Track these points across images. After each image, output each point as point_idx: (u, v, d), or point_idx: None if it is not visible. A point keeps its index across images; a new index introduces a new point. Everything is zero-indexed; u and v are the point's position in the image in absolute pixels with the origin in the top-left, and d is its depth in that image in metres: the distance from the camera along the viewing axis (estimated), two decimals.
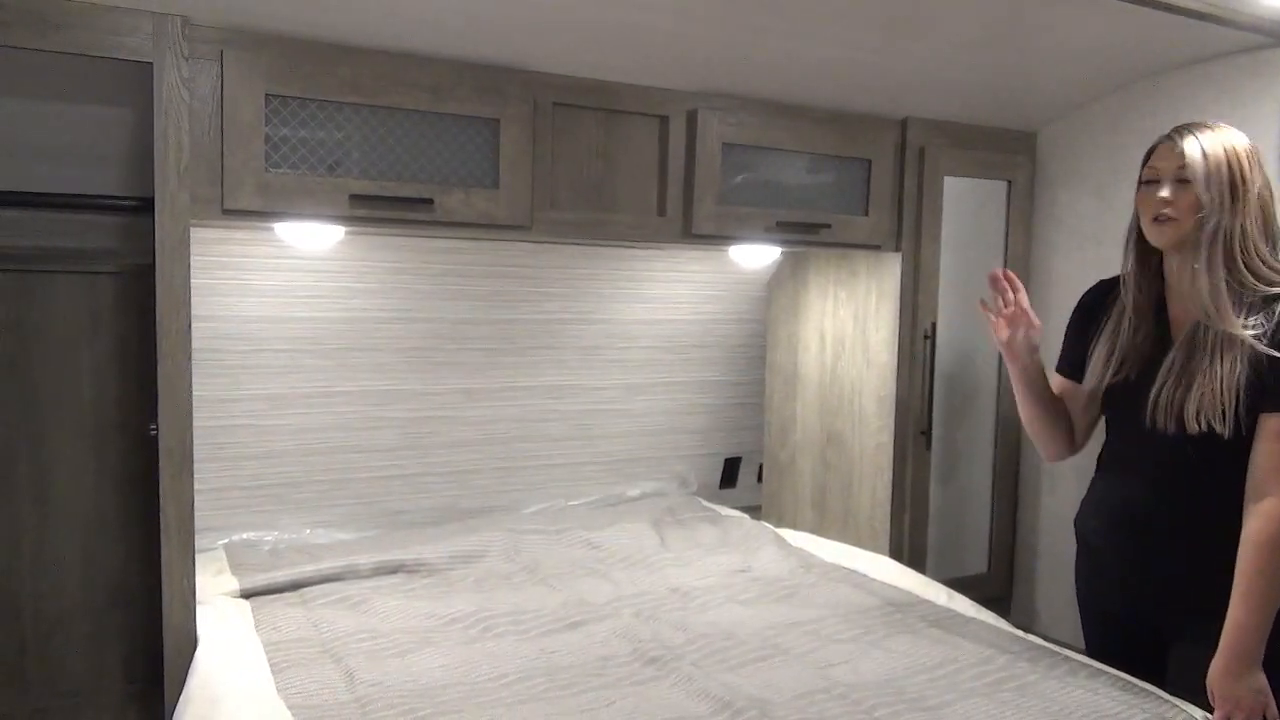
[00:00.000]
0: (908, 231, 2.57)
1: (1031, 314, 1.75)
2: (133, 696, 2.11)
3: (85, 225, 1.98)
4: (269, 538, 2.49)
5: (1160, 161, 1.65)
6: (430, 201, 1.93)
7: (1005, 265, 2.75)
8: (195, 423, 2.33)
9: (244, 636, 1.89)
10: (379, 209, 1.90)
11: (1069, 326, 1.89)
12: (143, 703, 2.10)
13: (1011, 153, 2.73)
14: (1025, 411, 1.85)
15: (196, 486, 2.38)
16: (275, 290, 2.34)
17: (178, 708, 1.62)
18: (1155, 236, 1.65)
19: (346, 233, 2.18)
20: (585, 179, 2.17)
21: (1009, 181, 2.74)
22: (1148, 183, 1.66)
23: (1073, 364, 1.85)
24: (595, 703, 1.66)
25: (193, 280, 2.21)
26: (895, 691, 1.71)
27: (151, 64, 1.69)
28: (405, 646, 1.89)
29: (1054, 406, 1.85)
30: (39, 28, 1.63)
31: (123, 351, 2.07)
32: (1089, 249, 2.62)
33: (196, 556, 2.32)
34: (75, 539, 2.09)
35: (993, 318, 1.78)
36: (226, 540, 2.45)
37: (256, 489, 2.49)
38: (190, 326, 1.76)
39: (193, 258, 2.18)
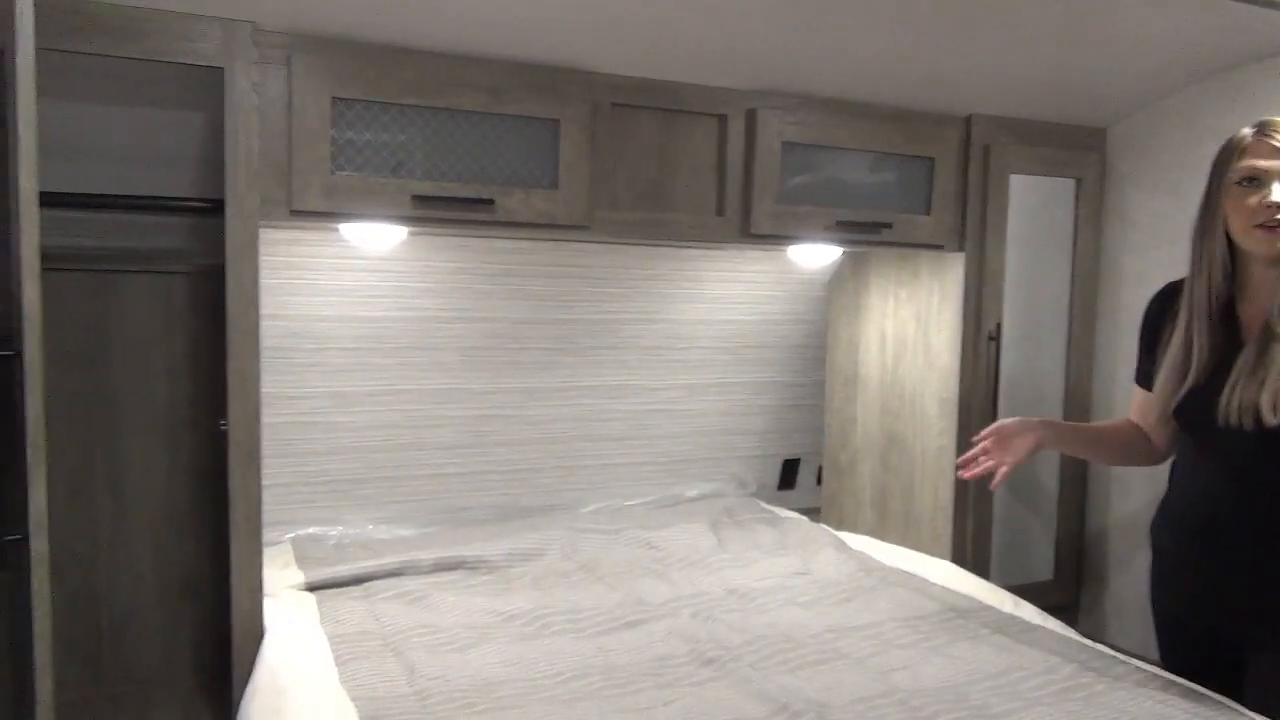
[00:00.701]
0: (972, 231, 2.52)
1: (1001, 456, 1.78)
2: (201, 686, 2.17)
3: (158, 226, 2.05)
4: (334, 532, 2.54)
5: (1262, 160, 1.54)
6: (491, 202, 1.95)
7: (1074, 264, 2.69)
8: (264, 419, 2.41)
9: (309, 629, 1.93)
10: (441, 209, 1.92)
11: (1139, 338, 1.84)
12: (211, 692, 2.16)
13: (1081, 150, 2.67)
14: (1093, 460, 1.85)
15: (265, 482, 2.45)
16: (340, 290, 2.39)
17: (245, 697, 1.66)
18: (1257, 243, 1.56)
19: (409, 233, 2.21)
20: (644, 179, 2.17)
21: (1078, 179, 2.67)
22: (1243, 183, 1.56)
23: (1147, 375, 1.80)
24: (652, 702, 1.66)
25: (262, 280, 2.28)
26: (956, 698, 1.68)
27: (222, 69, 1.74)
28: (464, 642, 1.91)
29: (1110, 445, 1.86)
30: (116, 35, 1.68)
31: (195, 350, 2.14)
32: (1162, 248, 2.54)
33: (264, 550, 2.40)
34: (148, 532, 2.16)
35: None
36: (293, 534, 2.50)
37: (322, 484, 2.54)
38: (259, 325, 1.80)
39: (262, 258, 2.25)
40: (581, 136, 2.05)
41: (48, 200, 1.88)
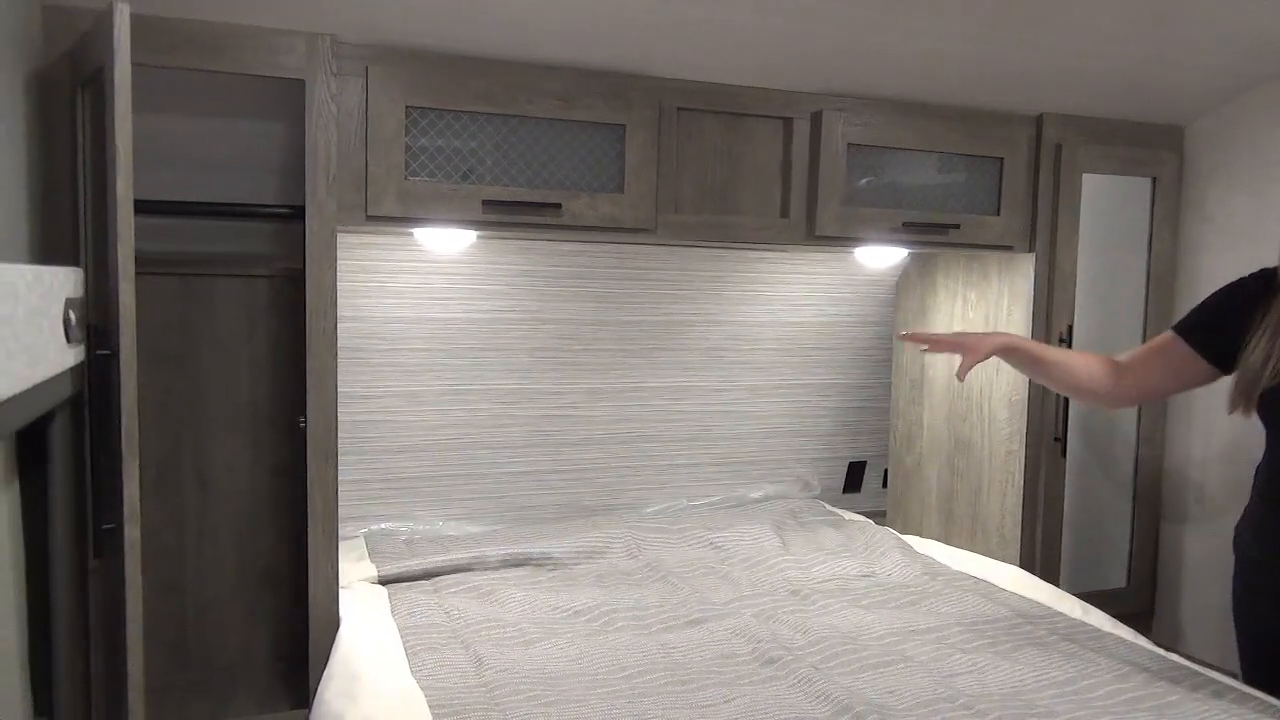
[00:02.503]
0: (1042, 231, 2.49)
1: (946, 340, 1.88)
2: (279, 674, 2.25)
3: (243, 232, 2.13)
4: (404, 528, 2.61)
5: None
6: (558, 206, 1.99)
7: (1149, 265, 2.63)
8: (340, 417, 2.49)
9: (381, 620, 1.99)
10: (509, 214, 1.97)
11: (1218, 297, 1.75)
12: (288, 680, 2.23)
13: (1157, 148, 2.61)
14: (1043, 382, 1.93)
15: (340, 478, 2.54)
16: (412, 292, 2.46)
17: (322, 682, 1.72)
18: None
19: (478, 237, 2.27)
20: (708, 182, 2.19)
21: (1154, 178, 2.61)
22: None
23: (1198, 331, 1.74)
24: (714, 699, 1.68)
25: (339, 283, 2.36)
26: (1022, 705, 1.66)
27: (304, 80, 1.81)
28: (530, 636, 1.95)
29: (1065, 372, 1.86)
30: (206, 51, 1.76)
31: (276, 350, 2.22)
32: (1242, 247, 2.47)
33: (340, 544, 2.49)
34: (231, 524, 2.25)
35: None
36: (366, 530, 2.57)
37: (394, 481, 2.61)
38: (336, 326, 1.87)
39: (339, 262, 2.33)
40: (647, 140, 2.08)
41: (142, 208, 2.00)
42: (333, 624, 1.92)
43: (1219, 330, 1.70)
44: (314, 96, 1.81)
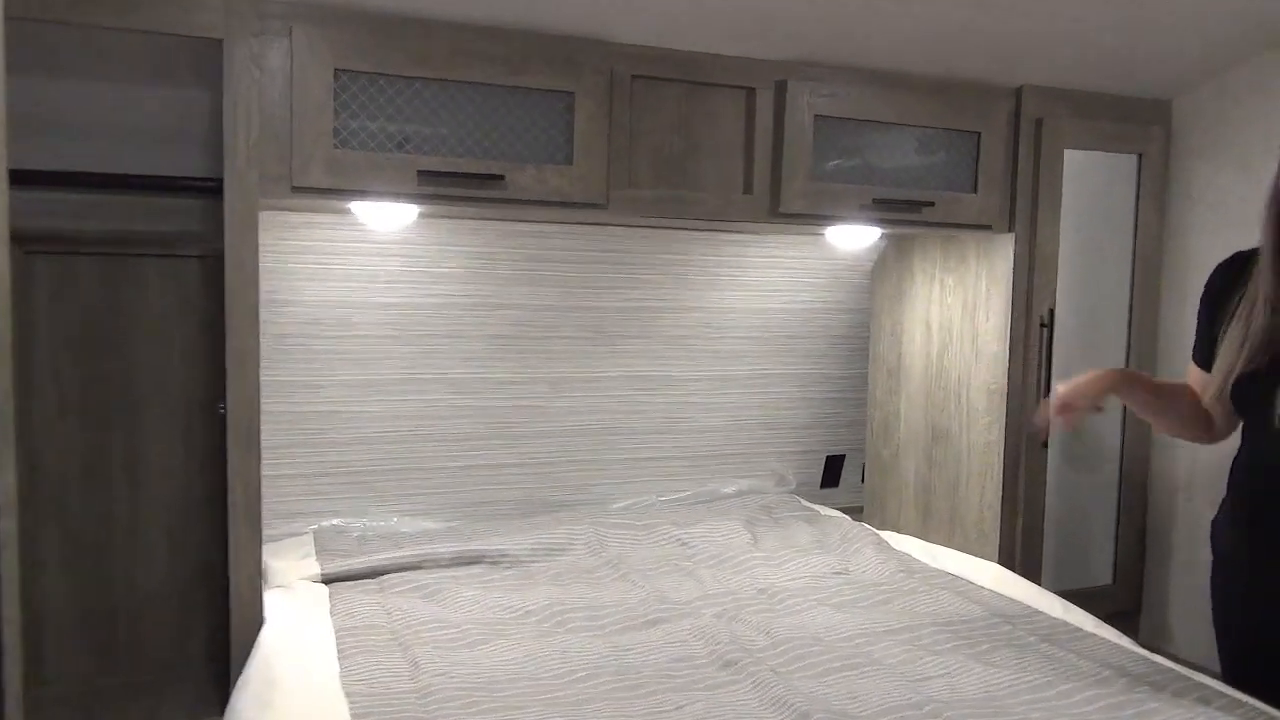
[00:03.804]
0: (1022, 210, 2.37)
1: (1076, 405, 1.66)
2: (213, 676, 2.12)
3: (170, 209, 2.01)
4: (358, 524, 2.50)
5: None
6: (501, 178, 1.87)
7: (1135, 245, 2.52)
8: (286, 408, 2.37)
9: (316, 621, 1.87)
10: (448, 186, 1.85)
11: (1199, 310, 1.70)
12: (223, 682, 2.11)
13: (1143, 123, 2.49)
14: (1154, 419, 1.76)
15: (288, 471, 2.42)
16: (359, 275, 2.34)
17: (236, 688, 1.60)
18: None
19: (422, 215, 2.15)
20: (665, 155, 2.07)
21: (1140, 155, 2.50)
22: None
23: (1205, 351, 1.65)
24: (662, 705, 1.56)
25: (279, 264, 2.24)
26: (994, 711, 1.55)
27: (221, 40, 1.68)
28: (475, 638, 1.83)
29: (1174, 408, 1.70)
30: (116, 6, 1.63)
31: (210, 335, 2.10)
32: (1231, 227, 2.36)
33: (287, 541, 2.37)
34: (164, 518, 2.13)
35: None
36: (316, 526, 2.46)
37: (345, 475, 2.49)
38: (259, 304, 1.75)
39: (277, 241, 2.21)
40: (598, 110, 1.96)
41: (52, 180, 1.88)
42: (257, 623, 1.80)
43: (1211, 340, 1.63)
44: (233, 58, 1.68)
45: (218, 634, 2.13)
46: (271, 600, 1.92)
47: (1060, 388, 1.69)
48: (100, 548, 2.09)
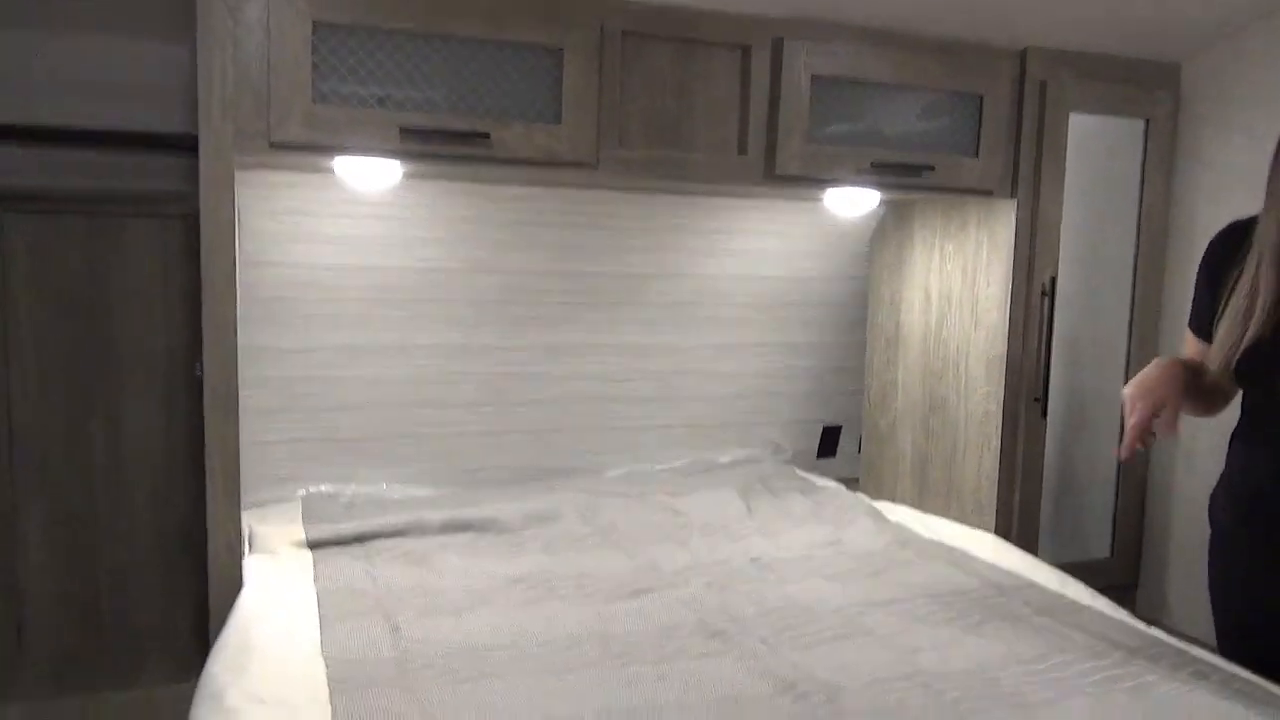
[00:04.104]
0: (1025, 175, 2.31)
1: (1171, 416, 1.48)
2: (197, 643, 2.11)
3: (151, 168, 1.96)
4: (347, 491, 2.47)
5: None
6: (486, 136, 1.82)
7: (1140, 212, 2.46)
8: (274, 372, 2.34)
9: (299, 586, 1.84)
10: (431, 143, 1.79)
11: (1198, 278, 1.64)
12: (209, 648, 2.10)
13: (1150, 87, 2.42)
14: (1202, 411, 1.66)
15: (276, 437, 2.39)
16: (345, 238, 2.29)
17: (212, 653, 1.58)
18: None
19: (407, 176, 2.10)
20: (657, 114, 2.01)
21: (1146, 120, 2.43)
22: None
23: (1204, 321, 1.60)
24: (646, 675, 1.53)
25: (263, 225, 2.20)
26: (987, 684, 1.51)
27: None
28: (460, 605, 1.80)
29: (1213, 391, 1.62)
30: None
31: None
32: (1238, 195, 2.29)
33: (275, 507, 2.34)
34: (147, 484, 2.10)
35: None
36: (304, 492, 2.43)
37: (334, 441, 2.46)
38: (235, 264, 1.70)
39: (261, 201, 2.17)
40: (587, 67, 1.90)
41: (25, 136, 1.83)
42: (235, 590, 1.77)
43: (1212, 309, 1.56)
44: (209, 9, 1.63)
45: (202, 601, 2.11)
46: (253, 565, 1.89)
47: (1131, 391, 1.53)
48: (83, 515, 2.06)
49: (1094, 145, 2.39)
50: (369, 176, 2.03)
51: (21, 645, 2.01)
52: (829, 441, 3.05)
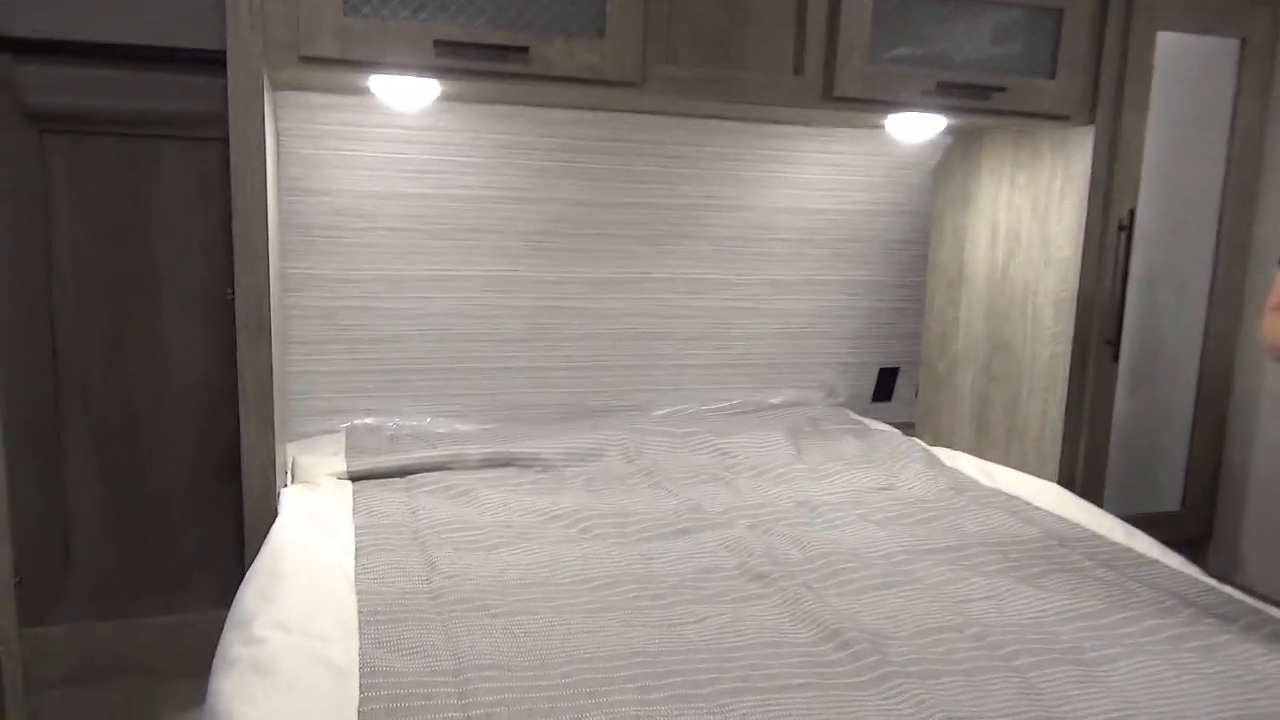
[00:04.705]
0: (1105, 99, 2.14)
1: None
2: (241, 571, 2.11)
3: (188, 88, 1.91)
4: (391, 424, 2.45)
5: None
6: (525, 50, 1.72)
7: (1231, 142, 2.28)
8: (317, 302, 2.30)
9: (337, 517, 1.82)
10: (467, 59, 1.70)
11: None
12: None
13: (1247, 2, 2.22)
14: None
15: (321, 368, 2.37)
16: (386, 163, 2.22)
17: (244, 581, 1.56)
18: None
19: (445, 96, 2.01)
20: (708, 30, 1.89)
21: (1242, 39, 2.24)
22: None
23: None
24: (683, 618, 1.48)
25: (301, 149, 2.14)
26: (1043, 638, 1.43)
27: None
28: (498, 541, 1.77)
29: None
30: None
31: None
32: None
33: (320, 438, 2.33)
34: (189, 410, 2.09)
35: None
36: (349, 424, 2.41)
37: (380, 374, 2.44)
38: (266, 183, 1.64)
39: (299, 125, 2.11)
40: None
41: (57, 50, 1.78)
42: (270, 518, 1.75)
43: None
44: None
45: (243, 528, 2.11)
46: (292, 495, 1.87)
47: None
48: (123, 439, 2.06)
49: (1182, 67, 2.21)
50: (406, 96, 1.95)
51: (69, 567, 2.03)
52: (884, 385, 2.94)
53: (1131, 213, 2.19)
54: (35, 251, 1.91)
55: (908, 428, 2.73)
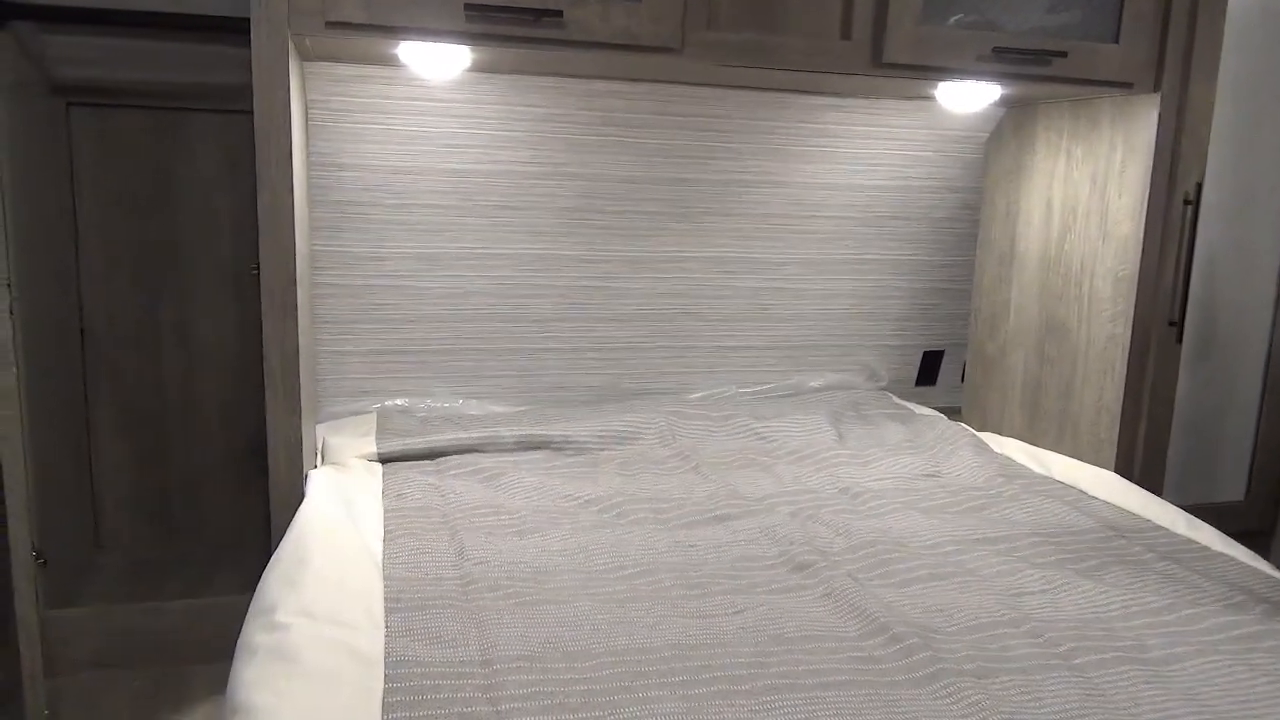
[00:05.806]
0: (1172, 65, 2.01)
1: None
2: (270, 553, 2.09)
3: (216, 59, 1.87)
4: (423, 405, 2.41)
5: None
6: (559, 14, 1.65)
7: None
8: (348, 280, 2.25)
9: (364, 501, 1.78)
10: (498, 23, 1.63)
11: None
12: None
13: None
14: None
15: (352, 348, 2.32)
16: (417, 137, 2.17)
17: (269, 564, 1.52)
18: None
19: (475, 66, 1.94)
20: None
21: None
22: None
23: None
24: (720, 608, 1.42)
25: (332, 123, 2.09)
26: (1104, 635, 1.35)
27: None
28: (529, 526, 1.72)
29: None
30: None
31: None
32: None
33: (350, 419, 2.29)
34: (218, 388, 2.07)
35: None
36: (380, 405, 2.37)
37: (411, 354, 2.39)
38: (291, 154, 1.59)
39: (329, 98, 2.06)
40: None
41: (81, 18, 1.74)
42: (296, 499, 1.71)
43: None
44: None
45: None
46: (320, 477, 1.83)
47: None
48: (154, 416, 2.04)
49: (1254, 33, 2.09)
50: (436, 65, 1.88)
51: (98, 548, 2.01)
52: (929, 368, 2.84)
53: (1199, 186, 2.07)
54: (62, 226, 1.89)
55: (953, 413, 2.63)
